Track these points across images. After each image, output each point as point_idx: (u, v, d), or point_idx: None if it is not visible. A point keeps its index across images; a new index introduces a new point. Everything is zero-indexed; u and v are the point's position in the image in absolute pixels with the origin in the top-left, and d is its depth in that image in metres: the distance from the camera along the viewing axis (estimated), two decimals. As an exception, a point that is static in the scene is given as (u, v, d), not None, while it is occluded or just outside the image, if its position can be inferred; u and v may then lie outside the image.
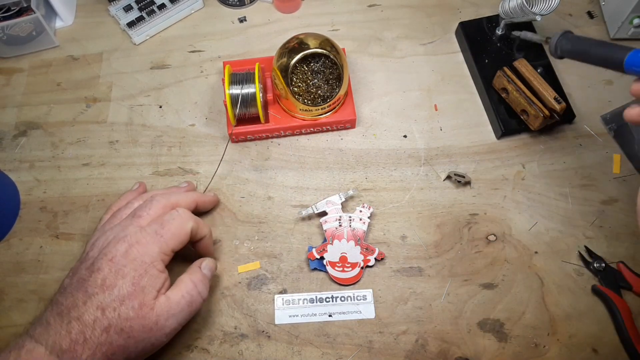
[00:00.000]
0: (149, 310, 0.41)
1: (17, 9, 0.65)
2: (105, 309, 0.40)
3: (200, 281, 0.46)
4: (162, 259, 0.44)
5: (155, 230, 0.44)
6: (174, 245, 0.45)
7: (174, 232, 0.45)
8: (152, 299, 0.42)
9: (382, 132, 0.63)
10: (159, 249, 0.43)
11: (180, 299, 0.44)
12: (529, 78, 0.60)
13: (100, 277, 0.41)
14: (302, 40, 0.57)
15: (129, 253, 0.42)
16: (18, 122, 0.65)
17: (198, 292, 0.45)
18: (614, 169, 0.61)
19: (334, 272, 0.53)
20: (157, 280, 0.43)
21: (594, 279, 0.55)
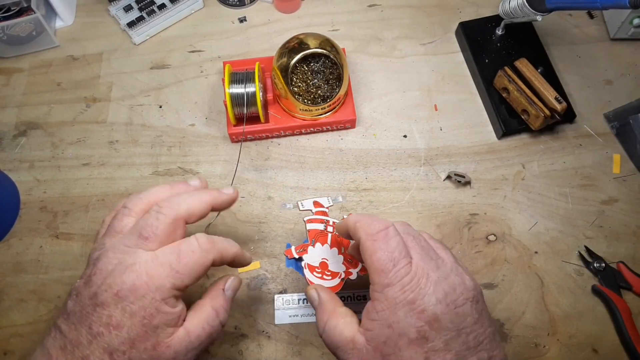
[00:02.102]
0: (165, 348, 0.35)
1: (17, 9, 0.65)
2: (113, 352, 0.34)
3: (223, 307, 0.40)
4: (175, 295, 0.37)
5: (170, 263, 0.37)
6: (189, 282, 0.38)
7: (192, 267, 0.37)
8: (168, 337, 0.36)
9: (382, 132, 0.63)
10: (172, 285, 0.36)
11: (200, 332, 0.37)
12: (529, 78, 0.60)
13: (106, 314, 0.35)
14: (302, 40, 0.57)
15: (138, 288, 0.35)
16: (18, 122, 0.65)
17: (219, 321, 0.39)
18: (614, 169, 0.61)
19: (311, 277, 0.48)
20: (171, 317, 0.36)
21: (594, 279, 0.55)
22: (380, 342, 0.34)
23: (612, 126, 0.63)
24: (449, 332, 0.33)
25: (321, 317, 0.39)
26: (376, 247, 0.36)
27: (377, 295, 0.35)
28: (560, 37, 0.69)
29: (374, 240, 0.36)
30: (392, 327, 0.34)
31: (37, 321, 0.53)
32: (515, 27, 0.66)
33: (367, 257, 0.36)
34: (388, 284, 0.34)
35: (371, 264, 0.36)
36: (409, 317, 0.33)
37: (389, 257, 0.35)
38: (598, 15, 0.71)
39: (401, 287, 0.34)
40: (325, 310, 0.40)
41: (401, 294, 0.34)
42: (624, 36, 0.68)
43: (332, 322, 0.38)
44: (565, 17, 0.71)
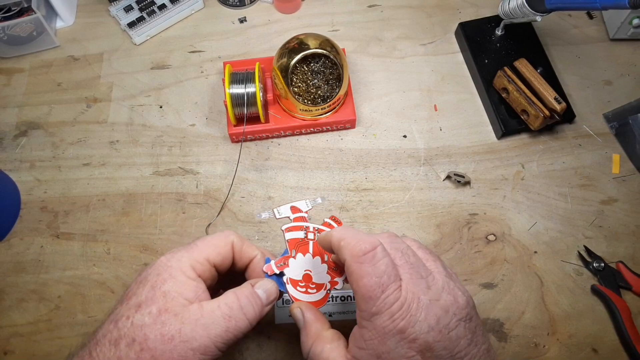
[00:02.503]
0: (171, 316, 0.33)
1: (17, 9, 0.65)
2: (119, 320, 0.33)
3: (247, 297, 0.36)
4: (193, 265, 0.36)
5: (191, 243, 0.38)
6: (209, 254, 0.37)
7: (210, 240, 0.38)
8: (178, 306, 0.33)
9: (382, 132, 0.63)
10: (190, 255, 0.36)
11: (215, 309, 0.34)
12: (529, 78, 0.60)
13: (125, 292, 0.35)
14: (302, 41, 0.58)
15: (157, 262, 0.36)
16: (19, 122, 0.65)
17: (240, 306, 0.35)
18: (613, 169, 0.61)
19: (295, 293, 0.42)
20: (186, 287, 0.34)
21: (594, 279, 0.55)
22: None
23: (611, 126, 0.63)
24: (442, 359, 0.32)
25: (305, 340, 0.37)
26: (363, 272, 0.32)
27: (364, 323, 0.33)
28: (560, 37, 0.69)
29: (360, 263, 0.33)
30: (381, 357, 0.32)
31: (38, 321, 0.54)
32: (514, 27, 0.66)
33: (354, 281, 0.33)
34: (376, 312, 0.32)
35: (358, 289, 0.33)
36: (400, 347, 0.31)
37: (377, 282, 0.32)
38: (597, 16, 0.71)
39: (390, 315, 0.31)
40: (309, 333, 0.37)
41: (390, 322, 0.31)
42: (624, 36, 0.68)
43: (317, 347, 0.36)
44: (565, 18, 0.71)
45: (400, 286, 0.32)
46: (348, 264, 0.34)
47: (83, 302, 0.54)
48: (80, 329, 0.53)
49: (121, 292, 0.54)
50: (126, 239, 0.57)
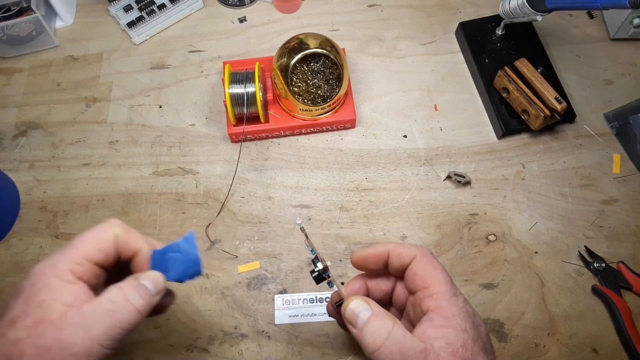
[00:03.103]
0: (47, 326, 0.31)
1: (17, 9, 0.65)
2: None
3: (132, 287, 0.34)
4: (71, 268, 0.33)
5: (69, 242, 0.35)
6: (87, 252, 0.34)
7: (88, 236, 0.35)
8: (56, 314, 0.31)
9: (382, 132, 0.63)
10: (66, 257, 0.34)
11: (96, 307, 0.32)
12: (529, 78, 0.60)
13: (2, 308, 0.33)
14: (302, 40, 0.57)
15: (32, 270, 0.33)
16: (18, 122, 0.65)
17: (126, 297, 0.33)
18: (614, 169, 0.61)
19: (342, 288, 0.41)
20: (64, 293, 0.32)
21: (594, 279, 0.55)
22: (458, 347, 0.33)
23: (612, 126, 0.63)
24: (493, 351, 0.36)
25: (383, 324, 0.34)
26: (436, 262, 0.37)
27: (444, 303, 0.35)
28: (560, 37, 0.69)
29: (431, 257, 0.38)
30: (466, 331, 0.34)
31: (37, 321, 0.53)
32: (515, 27, 0.66)
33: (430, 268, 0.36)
34: (455, 294, 0.36)
35: (437, 275, 0.36)
36: (475, 328, 0.35)
37: (447, 273, 0.37)
38: (598, 15, 0.71)
39: (464, 299, 0.36)
40: (386, 317, 0.35)
41: (465, 305, 0.35)
42: (624, 36, 0.68)
43: (399, 330, 0.34)
44: (566, 17, 0.71)
45: None
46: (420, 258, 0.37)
47: (82, 302, 0.54)
48: (79, 329, 0.53)
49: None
50: (126, 239, 0.57)
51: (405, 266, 0.38)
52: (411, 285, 0.37)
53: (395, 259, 0.38)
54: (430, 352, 0.33)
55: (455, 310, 0.35)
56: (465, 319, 0.34)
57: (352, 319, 0.35)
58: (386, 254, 0.39)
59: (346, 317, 0.36)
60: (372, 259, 0.40)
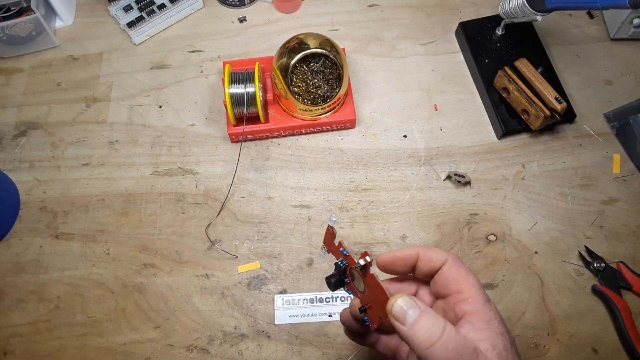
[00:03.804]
0: None
1: (17, 9, 0.65)
2: None
3: None
4: None
5: None
6: None
7: None
8: None
9: (382, 132, 0.63)
10: None
11: None
12: (529, 78, 0.60)
13: None
14: (302, 40, 0.57)
15: None
16: (18, 122, 0.65)
17: None
18: (614, 169, 0.61)
19: None
20: None
21: (594, 279, 0.55)
22: (502, 349, 0.33)
23: (612, 126, 0.63)
24: None
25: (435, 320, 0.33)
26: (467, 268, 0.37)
27: (480, 307, 0.35)
28: (560, 37, 0.69)
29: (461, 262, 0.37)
30: (504, 335, 0.34)
31: (37, 321, 0.53)
32: (515, 27, 0.66)
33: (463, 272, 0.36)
34: (488, 299, 0.36)
35: (469, 280, 0.36)
36: (508, 333, 0.35)
37: None
38: (598, 15, 0.71)
39: (494, 306, 0.36)
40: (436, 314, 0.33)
41: (496, 311, 0.36)
42: (624, 36, 0.68)
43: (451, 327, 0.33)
44: (565, 17, 0.71)
45: None
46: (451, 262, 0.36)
47: (82, 302, 0.54)
48: (79, 329, 0.53)
49: (120, 293, 0.54)
50: (125, 239, 0.57)
51: (435, 270, 0.37)
52: (442, 289, 0.37)
53: (425, 263, 0.37)
54: (482, 351, 0.33)
55: (492, 314, 0.35)
56: (501, 324, 0.35)
57: (400, 316, 0.34)
58: (415, 257, 0.38)
59: (393, 314, 0.34)
60: (400, 262, 0.39)
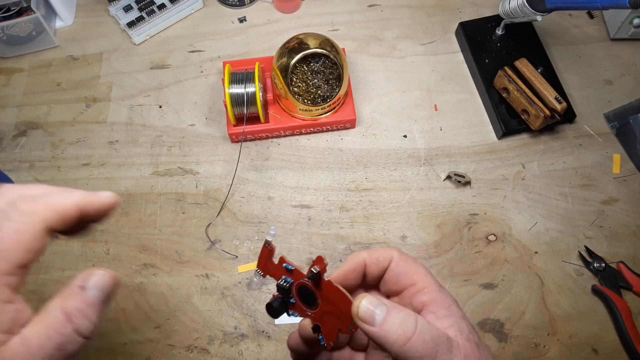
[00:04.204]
0: None
1: (17, 9, 0.65)
2: None
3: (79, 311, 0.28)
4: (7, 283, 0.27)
5: None
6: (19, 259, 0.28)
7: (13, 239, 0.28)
8: None
9: (382, 132, 0.63)
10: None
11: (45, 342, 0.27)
12: (530, 78, 0.60)
13: None
14: (302, 40, 0.57)
15: None
16: (18, 122, 0.65)
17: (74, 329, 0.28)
18: (614, 169, 0.61)
19: None
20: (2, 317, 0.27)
21: (594, 279, 0.55)
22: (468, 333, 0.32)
23: (612, 126, 0.63)
24: None
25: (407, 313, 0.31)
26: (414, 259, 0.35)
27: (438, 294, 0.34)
28: (560, 37, 0.69)
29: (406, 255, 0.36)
30: (464, 319, 0.33)
31: (37, 321, 0.53)
32: (515, 27, 0.66)
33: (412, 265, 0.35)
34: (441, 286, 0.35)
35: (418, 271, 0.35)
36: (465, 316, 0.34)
37: None
38: (598, 15, 0.71)
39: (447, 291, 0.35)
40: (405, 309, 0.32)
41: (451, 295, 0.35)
42: (624, 36, 0.68)
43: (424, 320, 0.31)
44: (565, 17, 0.71)
45: None
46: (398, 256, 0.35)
47: (82, 302, 0.54)
48: (79, 329, 0.53)
49: (120, 293, 0.54)
50: (125, 239, 0.57)
51: (384, 270, 0.36)
52: (394, 286, 0.35)
53: (374, 266, 0.36)
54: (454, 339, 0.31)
55: (449, 299, 0.34)
56: (458, 307, 0.34)
57: (368, 317, 0.32)
58: (362, 264, 0.36)
59: (360, 316, 0.32)
60: (351, 275, 0.36)
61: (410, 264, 0.35)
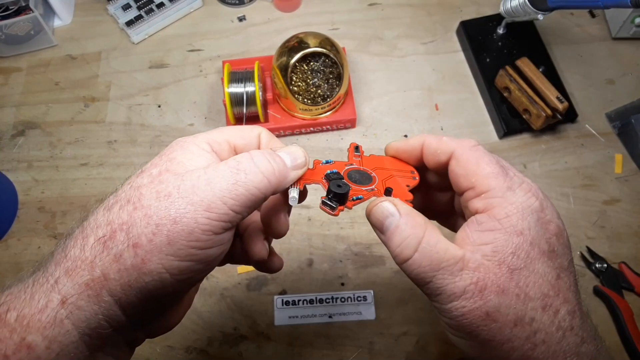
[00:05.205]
0: (170, 175, 0.29)
1: (15, 8, 0.65)
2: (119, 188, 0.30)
3: (261, 154, 0.30)
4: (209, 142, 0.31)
5: None
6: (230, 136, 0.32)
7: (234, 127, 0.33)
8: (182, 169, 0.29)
9: (383, 131, 0.63)
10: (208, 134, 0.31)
11: (221, 165, 0.29)
12: (531, 77, 0.59)
13: None
14: (302, 39, 0.57)
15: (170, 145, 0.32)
16: (16, 122, 0.64)
17: (254, 164, 0.29)
18: (615, 169, 0.60)
19: None
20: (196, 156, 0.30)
21: (596, 280, 0.55)
22: (508, 254, 0.28)
23: (614, 126, 0.63)
24: (568, 250, 0.30)
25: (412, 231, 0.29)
26: (483, 154, 0.30)
27: (497, 201, 0.29)
28: (562, 36, 0.69)
29: (476, 150, 0.30)
30: (523, 234, 0.28)
31: (35, 322, 0.53)
32: (516, 26, 0.65)
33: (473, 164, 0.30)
34: (510, 187, 0.29)
35: (481, 170, 0.30)
36: (539, 227, 0.28)
37: (498, 163, 0.30)
38: (600, 15, 0.71)
39: (525, 192, 0.29)
40: (417, 223, 0.30)
41: (527, 199, 0.29)
42: (626, 35, 0.67)
43: (432, 237, 0.29)
44: (567, 16, 0.70)
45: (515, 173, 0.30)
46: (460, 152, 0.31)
47: (81, 303, 0.54)
48: (78, 330, 0.53)
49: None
50: (124, 239, 0.57)
51: (444, 165, 0.32)
52: (455, 186, 0.31)
53: (431, 157, 0.32)
54: (470, 261, 0.28)
55: (511, 208, 0.28)
56: (524, 218, 0.28)
57: (378, 224, 0.30)
58: (419, 149, 0.33)
59: (371, 221, 0.31)
60: (403, 155, 0.35)
61: (472, 162, 0.30)
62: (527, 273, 0.27)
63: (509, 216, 0.28)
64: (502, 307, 0.27)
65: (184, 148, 0.30)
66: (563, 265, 0.29)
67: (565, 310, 0.28)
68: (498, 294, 0.27)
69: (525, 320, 0.27)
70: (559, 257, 0.29)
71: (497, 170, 0.29)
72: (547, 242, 0.28)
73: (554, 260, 0.28)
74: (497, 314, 0.27)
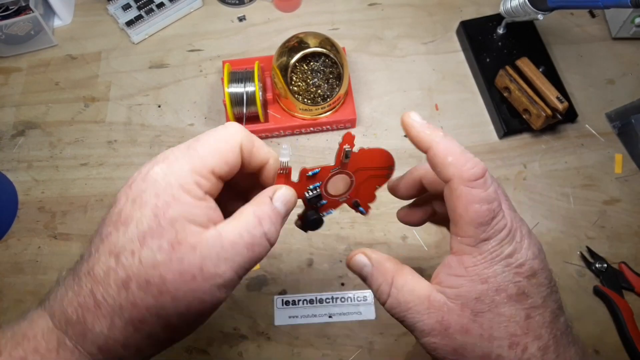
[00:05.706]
0: (187, 250, 0.27)
1: (15, 8, 0.65)
2: (120, 254, 0.27)
3: (269, 217, 0.30)
4: (197, 181, 0.29)
5: (189, 144, 0.31)
6: (213, 164, 0.30)
7: (212, 145, 0.31)
8: (192, 236, 0.28)
9: (383, 131, 0.63)
10: (191, 166, 0.29)
11: (237, 239, 0.29)
12: (531, 77, 0.59)
13: (116, 210, 0.29)
14: (301, 39, 0.57)
15: (150, 174, 0.30)
16: (16, 122, 0.64)
17: (264, 232, 0.30)
18: (616, 169, 0.60)
19: None
20: (196, 211, 0.28)
21: (596, 280, 0.55)
22: (471, 299, 0.30)
23: (614, 126, 0.63)
24: (544, 288, 0.30)
25: (383, 278, 0.32)
26: (475, 196, 0.29)
27: (468, 249, 0.30)
28: (562, 36, 0.69)
29: (472, 187, 0.30)
30: (487, 282, 0.29)
31: (35, 322, 0.53)
32: (516, 26, 0.65)
33: (461, 205, 0.30)
34: (486, 238, 0.30)
35: (466, 214, 0.30)
36: (506, 272, 0.30)
37: (489, 208, 0.29)
38: (600, 14, 0.71)
39: (499, 241, 0.30)
40: (386, 270, 0.33)
41: (499, 247, 0.30)
42: (626, 35, 0.67)
43: (399, 281, 0.32)
44: (567, 16, 0.70)
45: (504, 214, 0.31)
46: (454, 185, 0.30)
47: (81, 303, 0.54)
48: (78, 330, 0.53)
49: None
50: (124, 239, 0.57)
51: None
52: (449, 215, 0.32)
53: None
54: (435, 301, 0.30)
55: (480, 258, 0.30)
56: (491, 266, 0.30)
57: (357, 273, 0.35)
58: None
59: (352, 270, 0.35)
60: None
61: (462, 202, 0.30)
62: (491, 316, 0.29)
63: (476, 265, 0.30)
64: (467, 345, 0.29)
65: (178, 200, 0.28)
66: (535, 303, 0.30)
67: (536, 347, 0.29)
68: (462, 333, 0.29)
69: (492, 357, 0.29)
70: (530, 298, 0.30)
71: (482, 218, 0.29)
72: (515, 286, 0.30)
73: (523, 302, 0.30)
74: (464, 350, 0.29)
